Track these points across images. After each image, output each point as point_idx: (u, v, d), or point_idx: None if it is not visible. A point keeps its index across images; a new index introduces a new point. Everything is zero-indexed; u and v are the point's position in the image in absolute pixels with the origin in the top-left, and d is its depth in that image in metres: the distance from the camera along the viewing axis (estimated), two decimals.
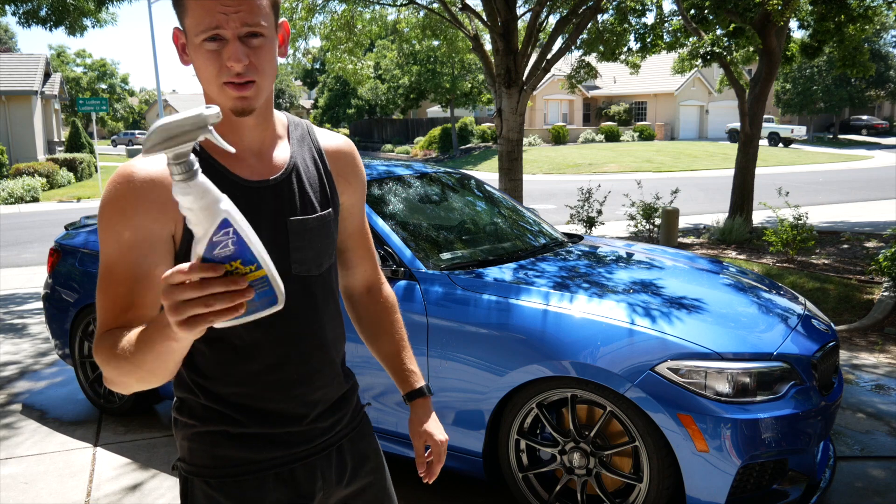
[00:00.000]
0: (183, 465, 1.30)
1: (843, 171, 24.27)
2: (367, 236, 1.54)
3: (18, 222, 15.66)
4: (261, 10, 1.15)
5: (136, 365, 1.03)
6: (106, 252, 1.16)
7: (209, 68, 1.15)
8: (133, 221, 1.14)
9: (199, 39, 1.14)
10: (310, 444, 1.33)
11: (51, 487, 3.46)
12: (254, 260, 0.92)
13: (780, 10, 8.93)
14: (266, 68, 1.18)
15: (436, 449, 1.54)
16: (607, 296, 3.06)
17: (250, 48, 1.15)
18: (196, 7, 1.13)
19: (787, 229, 8.39)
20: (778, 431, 2.67)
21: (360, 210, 1.49)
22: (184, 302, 0.89)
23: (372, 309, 1.57)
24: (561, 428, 2.91)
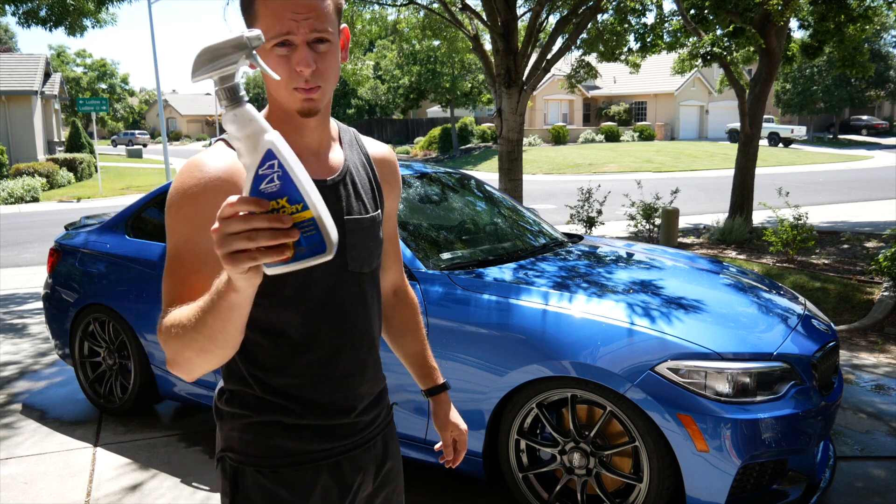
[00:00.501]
0: (232, 455, 1.32)
1: (843, 171, 24.27)
2: (398, 241, 1.64)
3: (18, 222, 15.66)
4: (328, 16, 1.20)
5: (198, 331, 1.05)
6: (174, 238, 1.21)
7: (279, 73, 1.19)
8: (201, 208, 1.18)
9: (269, 45, 1.19)
10: (356, 436, 1.38)
11: (51, 487, 3.46)
12: (300, 199, 0.90)
13: (780, 10, 8.93)
14: (330, 73, 1.24)
15: (461, 438, 1.66)
16: (607, 296, 3.06)
17: (317, 53, 1.20)
18: (267, 14, 1.18)
19: (787, 229, 8.39)
20: (778, 431, 2.67)
21: (395, 216, 1.57)
22: (229, 235, 0.90)
23: (398, 310, 1.65)
24: (561, 428, 2.91)
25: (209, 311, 1.03)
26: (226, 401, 1.34)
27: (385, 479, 1.47)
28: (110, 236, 4.36)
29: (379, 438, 1.45)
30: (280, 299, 1.26)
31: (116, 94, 56.62)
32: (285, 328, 1.28)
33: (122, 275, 4.17)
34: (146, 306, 4.01)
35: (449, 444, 1.66)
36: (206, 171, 1.21)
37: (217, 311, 1.01)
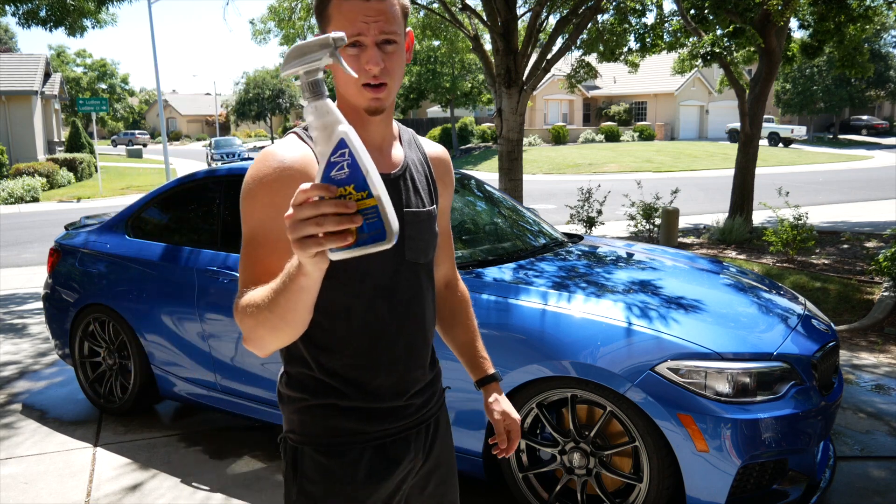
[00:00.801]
0: (293, 436, 1.42)
1: (843, 171, 24.27)
2: (451, 237, 1.72)
3: (18, 222, 15.66)
4: (396, 19, 1.31)
5: (270, 310, 1.14)
6: (250, 222, 1.30)
7: (356, 68, 1.29)
8: (276, 196, 1.27)
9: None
10: (408, 419, 1.46)
11: (51, 487, 3.46)
12: (365, 186, 0.98)
13: (780, 10, 8.93)
14: (397, 72, 1.33)
15: (514, 427, 1.70)
16: (607, 296, 3.06)
17: (385, 53, 1.30)
18: (340, 17, 1.28)
19: (787, 229, 8.39)
20: (778, 431, 2.67)
21: (448, 213, 1.65)
22: (301, 220, 0.98)
23: (450, 302, 1.73)
24: (561, 428, 2.91)
25: (281, 293, 1.11)
26: (286, 384, 1.45)
27: (437, 462, 1.55)
28: (110, 236, 4.36)
29: (432, 422, 1.53)
30: (342, 283, 1.34)
31: (116, 94, 56.64)
32: (345, 312, 1.37)
33: (122, 275, 4.17)
34: (146, 306, 4.01)
35: (502, 432, 1.70)
36: (280, 161, 1.29)
37: (288, 293, 1.10)
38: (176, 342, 3.91)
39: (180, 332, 3.87)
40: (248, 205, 1.31)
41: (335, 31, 1.04)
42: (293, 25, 9.77)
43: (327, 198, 0.98)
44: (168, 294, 3.91)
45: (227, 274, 3.65)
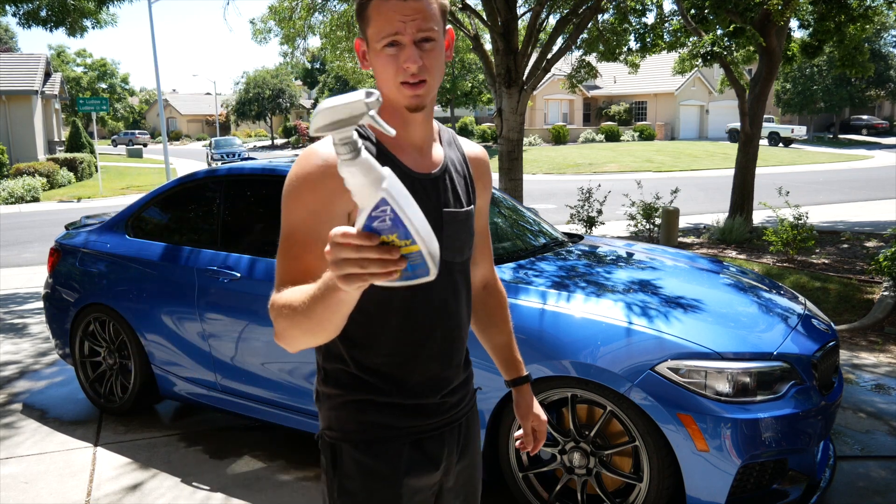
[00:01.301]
0: (329, 433, 1.44)
1: (844, 171, 24.27)
2: (489, 237, 1.73)
3: (18, 222, 15.66)
4: (434, 17, 1.33)
5: (307, 316, 1.15)
6: (290, 219, 1.32)
7: (388, 70, 1.32)
8: (318, 194, 1.30)
9: (380, 45, 1.31)
10: (441, 416, 1.47)
11: (51, 487, 3.46)
12: (409, 236, 0.99)
13: (780, 10, 8.93)
14: (435, 69, 1.35)
15: (541, 428, 1.75)
16: (607, 295, 3.06)
17: (423, 51, 1.32)
18: (379, 17, 1.30)
19: (787, 229, 8.38)
20: (778, 431, 2.67)
21: (486, 213, 1.67)
22: (343, 259, 0.99)
23: (487, 302, 1.73)
24: (561, 427, 2.91)
25: (318, 301, 1.12)
26: (322, 381, 1.46)
27: (468, 456, 1.57)
28: (111, 236, 4.36)
29: (464, 420, 1.55)
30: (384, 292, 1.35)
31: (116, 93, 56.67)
32: (382, 310, 1.39)
33: (122, 274, 4.17)
34: (146, 306, 4.01)
35: (529, 432, 1.74)
36: (324, 159, 1.31)
37: (326, 303, 1.11)
38: (176, 342, 3.91)
39: (180, 331, 3.87)
40: (291, 202, 1.32)
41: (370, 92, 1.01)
42: (294, 25, 9.76)
43: (369, 246, 0.98)
44: (168, 294, 3.91)
45: (227, 274, 3.65)
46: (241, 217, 3.92)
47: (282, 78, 53.82)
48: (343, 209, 1.31)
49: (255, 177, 3.94)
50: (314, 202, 1.31)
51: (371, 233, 0.99)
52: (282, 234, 1.34)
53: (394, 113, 1.38)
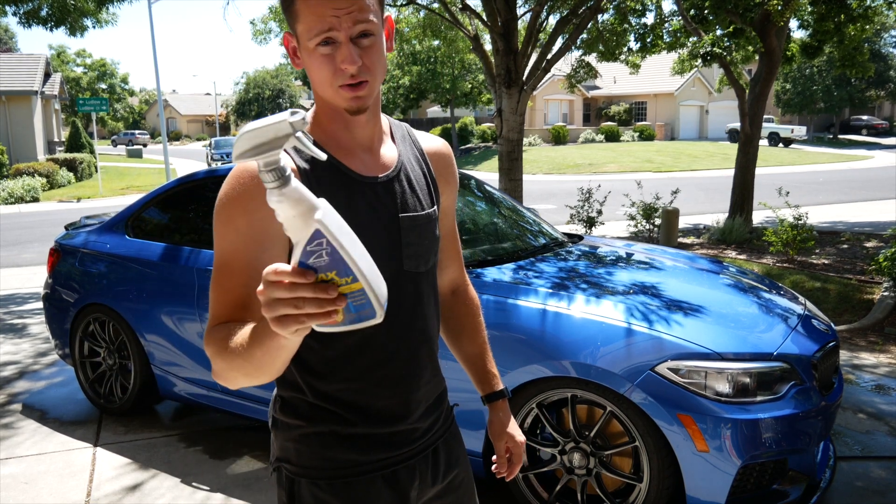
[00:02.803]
0: (288, 467, 1.30)
1: (843, 171, 24.27)
2: (457, 238, 1.57)
3: (18, 222, 15.66)
4: (370, 7, 1.17)
5: (246, 360, 1.04)
6: (223, 246, 1.18)
7: (324, 72, 1.18)
8: (253, 216, 1.15)
9: (312, 44, 1.17)
10: (412, 445, 1.34)
11: (51, 487, 3.46)
12: (350, 272, 0.89)
13: (780, 11, 8.93)
14: (377, 67, 1.20)
15: (517, 451, 1.55)
16: (607, 296, 3.06)
17: (361, 49, 1.17)
18: (308, 13, 1.15)
19: (787, 229, 8.39)
20: (778, 431, 2.67)
21: (453, 211, 1.52)
22: (275, 299, 0.89)
23: (457, 310, 1.58)
24: (561, 428, 2.91)
25: (256, 344, 1.02)
26: (280, 409, 1.32)
27: (449, 487, 1.42)
28: (110, 236, 4.36)
29: (440, 444, 1.40)
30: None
31: (116, 94, 56.67)
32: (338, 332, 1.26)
33: (122, 275, 4.17)
34: (146, 306, 4.01)
35: (502, 454, 1.56)
36: (255, 177, 1.16)
37: (265, 347, 1.00)
38: (176, 342, 3.91)
39: (180, 331, 3.87)
40: (223, 226, 1.18)
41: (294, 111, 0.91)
42: None
43: (304, 284, 0.88)
44: (168, 294, 3.91)
45: None
46: None
47: (282, 78, 53.88)
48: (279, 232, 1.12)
49: None
50: (248, 226, 1.16)
51: (306, 269, 0.89)
52: (216, 260, 1.19)
53: (334, 115, 1.26)
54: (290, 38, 1.23)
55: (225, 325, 1.13)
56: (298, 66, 1.24)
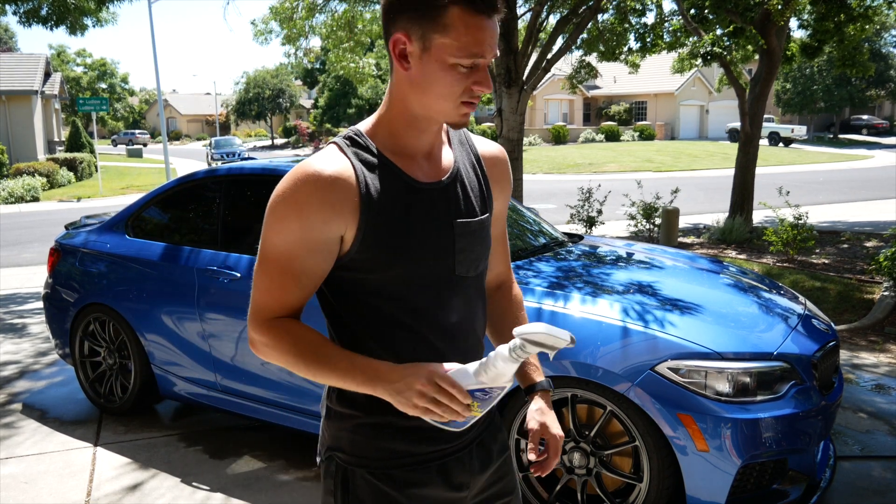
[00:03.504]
0: (341, 456, 1.35)
1: (844, 171, 24.27)
2: (506, 242, 1.62)
3: (18, 222, 15.66)
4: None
5: (311, 372, 1.27)
6: (276, 243, 1.25)
7: (455, 87, 1.22)
8: (304, 222, 1.23)
9: (454, 59, 1.20)
10: (461, 437, 1.38)
11: (51, 487, 3.46)
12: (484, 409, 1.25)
13: (780, 10, 8.93)
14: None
15: (553, 444, 1.49)
16: (607, 295, 3.06)
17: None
18: (464, 31, 1.18)
19: (787, 229, 8.38)
20: (778, 431, 2.67)
21: (504, 216, 1.56)
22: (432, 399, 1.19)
23: (501, 304, 1.60)
24: (561, 427, 2.91)
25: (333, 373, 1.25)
26: (336, 399, 1.37)
27: (497, 475, 1.47)
28: (110, 236, 4.36)
29: (485, 436, 1.45)
30: (392, 303, 1.31)
31: (116, 93, 56.64)
32: (396, 330, 1.31)
33: (122, 274, 4.17)
34: (146, 306, 4.01)
35: (535, 446, 1.46)
36: (316, 179, 1.23)
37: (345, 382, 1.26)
38: (176, 342, 3.91)
39: (180, 331, 3.87)
40: (277, 221, 1.24)
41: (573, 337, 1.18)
42: (295, 25, 9.76)
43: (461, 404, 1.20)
44: (168, 294, 3.91)
45: (227, 274, 3.64)
46: (241, 217, 3.92)
47: (282, 78, 53.83)
48: (333, 233, 1.25)
49: (255, 177, 3.94)
50: (301, 229, 1.23)
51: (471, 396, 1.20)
52: (266, 252, 1.26)
53: (412, 124, 1.29)
54: (407, 42, 1.22)
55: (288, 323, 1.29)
56: (405, 70, 1.23)
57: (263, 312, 1.29)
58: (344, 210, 1.24)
